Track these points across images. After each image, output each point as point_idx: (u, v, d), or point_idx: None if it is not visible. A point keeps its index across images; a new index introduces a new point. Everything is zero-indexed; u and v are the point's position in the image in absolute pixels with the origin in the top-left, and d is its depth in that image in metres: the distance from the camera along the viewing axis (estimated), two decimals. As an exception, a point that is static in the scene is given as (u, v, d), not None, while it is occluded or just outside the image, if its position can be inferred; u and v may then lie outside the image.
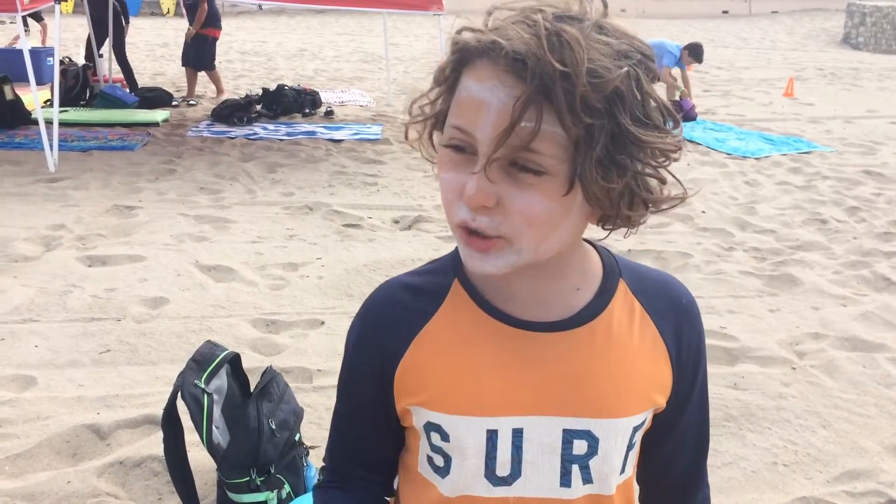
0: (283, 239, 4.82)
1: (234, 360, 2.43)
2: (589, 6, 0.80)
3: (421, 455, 0.97)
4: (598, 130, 0.76)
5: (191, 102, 9.30)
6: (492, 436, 0.90)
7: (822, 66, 15.29)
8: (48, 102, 7.76)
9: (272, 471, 2.25)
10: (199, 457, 2.38)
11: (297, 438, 2.39)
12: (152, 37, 16.89)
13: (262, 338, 3.51)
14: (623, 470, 0.95)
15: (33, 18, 12.02)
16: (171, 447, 2.24)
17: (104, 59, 10.07)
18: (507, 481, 0.92)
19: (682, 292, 0.98)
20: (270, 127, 8.18)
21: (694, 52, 9.13)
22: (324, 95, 9.68)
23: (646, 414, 0.94)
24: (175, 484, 2.26)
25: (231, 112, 8.27)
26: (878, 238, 5.13)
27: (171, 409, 2.22)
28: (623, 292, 0.94)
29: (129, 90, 9.36)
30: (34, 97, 6.32)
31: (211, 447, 2.23)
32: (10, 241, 4.55)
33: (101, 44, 9.86)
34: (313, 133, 7.90)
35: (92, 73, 9.39)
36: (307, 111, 8.96)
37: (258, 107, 8.75)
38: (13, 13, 6.13)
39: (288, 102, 8.89)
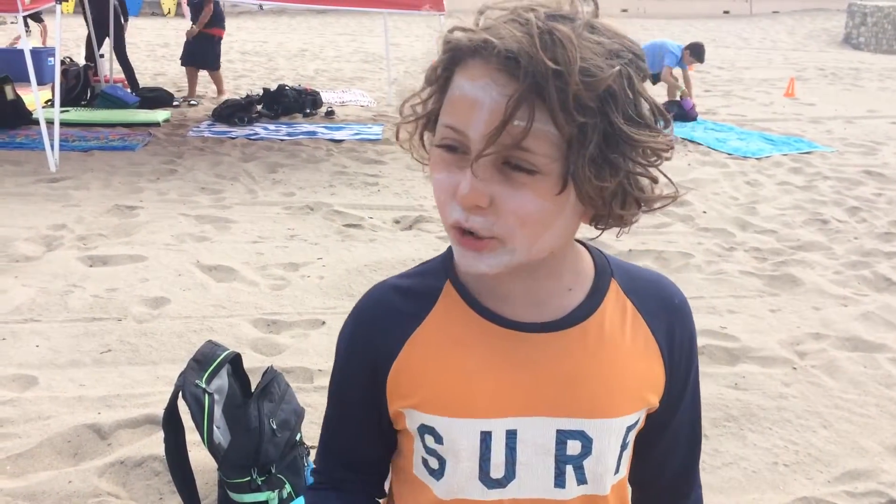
0: (283, 239, 4.82)
1: (235, 360, 2.44)
2: (580, 6, 0.79)
3: (415, 457, 0.96)
4: (591, 129, 0.76)
5: (192, 102, 9.30)
6: (486, 437, 0.90)
7: (822, 66, 15.28)
8: (49, 102, 7.75)
9: (273, 471, 2.26)
10: (199, 456, 2.38)
11: (298, 438, 2.39)
12: (153, 37, 16.90)
13: (262, 338, 3.52)
14: (617, 470, 0.95)
15: (33, 19, 12.01)
16: (172, 447, 2.24)
17: (105, 59, 10.07)
18: (501, 483, 0.92)
19: (674, 292, 0.98)
20: (271, 127, 8.18)
21: (695, 52, 9.12)
22: (325, 95, 9.69)
23: (639, 413, 0.94)
24: (176, 484, 2.26)
25: (232, 112, 8.28)
26: (879, 238, 5.13)
27: (172, 408, 2.22)
28: (615, 292, 0.94)
29: (130, 90, 9.36)
30: (35, 97, 6.33)
31: (212, 447, 2.23)
32: (11, 241, 4.56)
33: (100, 43, 9.86)
34: (314, 133, 7.90)
35: (93, 73, 9.40)
36: (308, 111, 8.97)
37: (259, 107, 8.76)
38: (14, 13, 6.14)
39: (289, 102, 8.90)
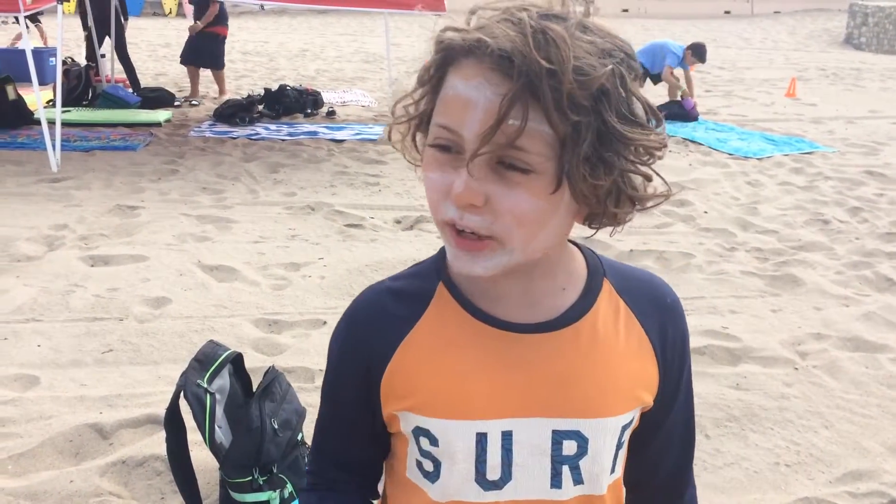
0: (285, 239, 4.82)
1: (237, 360, 2.44)
2: (572, 6, 0.80)
3: (409, 460, 0.96)
4: (585, 128, 0.76)
5: (193, 102, 9.30)
6: (481, 439, 0.90)
7: (824, 66, 15.28)
8: (51, 102, 7.76)
9: (274, 470, 2.26)
10: (201, 456, 2.38)
11: (299, 438, 2.40)
12: (154, 37, 16.91)
13: (264, 338, 3.52)
14: (613, 470, 0.95)
15: (30, 20, 12.00)
16: (174, 447, 2.24)
17: (106, 59, 10.08)
18: (497, 485, 0.91)
19: (667, 291, 0.98)
20: (272, 127, 8.18)
21: (697, 52, 9.13)
22: (326, 96, 9.69)
23: (634, 412, 0.94)
24: (177, 483, 2.27)
25: (233, 112, 8.29)
26: (881, 238, 5.13)
27: (173, 408, 2.22)
28: (608, 292, 0.94)
29: (131, 90, 9.37)
30: (37, 97, 6.33)
31: (213, 447, 2.23)
32: (12, 241, 4.56)
33: (100, 42, 9.86)
34: (315, 133, 7.91)
35: (94, 74, 9.40)
36: (309, 111, 8.97)
37: (260, 107, 8.76)
38: (16, 13, 6.14)
39: (290, 103, 8.91)
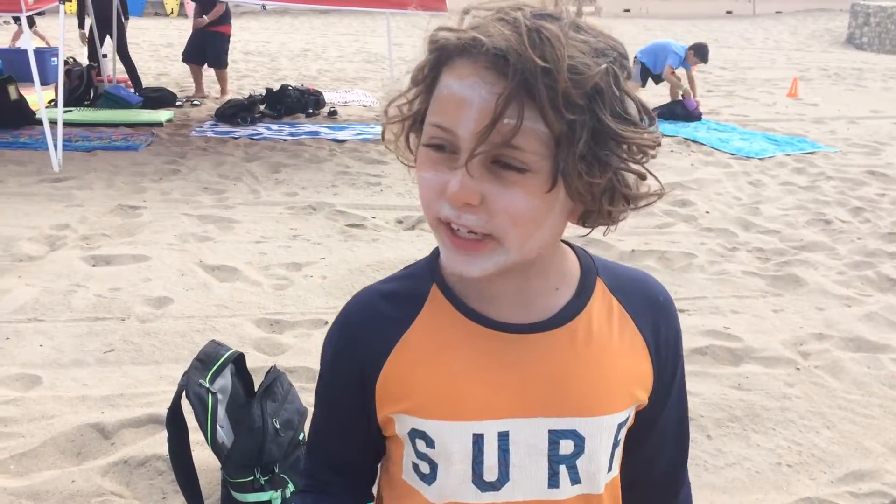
0: (286, 239, 4.82)
1: (239, 360, 2.44)
2: (564, 6, 0.80)
3: (405, 462, 0.96)
4: (580, 126, 0.76)
5: (195, 102, 9.31)
6: (478, 440, 0.90)
7: (825, 66, 15.27)
8: (52, 102, 7.77)
9: (276, 470, 2.26)
10: (203, 456, 2.38)
11: (301, 438, 2.39)
12: (156, 37, 16.92)
13: (265, 337, 3.52)
14: (610, 468, 0.95)
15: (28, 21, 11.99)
16: (176, 446, 2.24)
17: (108, 59, 10.09)
18: (495, 486, 0.91)
19: (660, 290, 0.99)
20: (274, 127, 8.18)
21: (699, 52, 9.13)
22: (327, 95, 9.69)
23: (629, 410, 0.94)
24: (179, 483, 2.27)
25: (235, 112, 8.29)
26: (883, 238, 5.12)
27: (175, 408, 2.23)
28: (601, 291, 0.94)
29: (133, 90, 9.38)
30: (38, 97, 6.34)
31: (215, 446, 2.23)
32: (14, 241, 4.56)
33: (101, 42, 9.87)
34: (317, 133, 7.91)
35: (96, 73, 9.41)
36: (311, 111, 8.97)
37: (262, 107, 8.76)
38: (18, 13, 6.15)
39: (291, 102, 8.91)
